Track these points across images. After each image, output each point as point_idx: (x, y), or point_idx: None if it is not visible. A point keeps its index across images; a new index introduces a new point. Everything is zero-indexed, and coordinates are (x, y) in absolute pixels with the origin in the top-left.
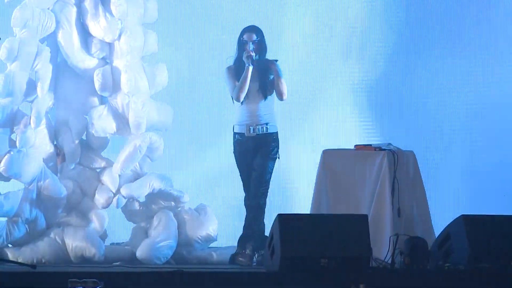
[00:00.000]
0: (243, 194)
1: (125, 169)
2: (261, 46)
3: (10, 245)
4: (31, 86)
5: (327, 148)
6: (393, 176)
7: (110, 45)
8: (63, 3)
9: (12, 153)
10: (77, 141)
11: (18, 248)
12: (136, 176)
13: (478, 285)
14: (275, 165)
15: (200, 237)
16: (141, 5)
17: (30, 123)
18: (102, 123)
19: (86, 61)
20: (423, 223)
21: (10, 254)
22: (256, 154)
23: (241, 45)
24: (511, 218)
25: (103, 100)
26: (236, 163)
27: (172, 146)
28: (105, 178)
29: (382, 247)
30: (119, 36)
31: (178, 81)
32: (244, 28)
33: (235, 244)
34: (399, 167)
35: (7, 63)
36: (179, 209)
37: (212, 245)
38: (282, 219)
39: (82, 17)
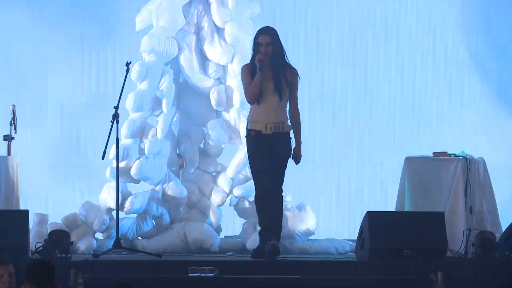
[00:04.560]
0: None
1: (237, 173)
2: (276, 48)
3: (139, 238)
4: (157, 103)
5: (409, 155)
6: (466, 178)
7: (224, 67)
8: (184, 32)
9: (141, 159)
10: (196, 149)
11: (147, 240)
12: (246, 179)
13: None
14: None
15: (300, 231)
16: (250, 33)
17: (156, 134)
18: (217, 133)
19: (204, 81)
20: (492, 219)
21: (140, 245)
22: (273, 152)
23: (256, 46)
24: None
25: (218, 114)
26: (249, 160)
27: None
28: (220, 180)
29: (457, 240)
30: (232, 59)
31: None
32: (259, 30)
33: (331, 236)
34: (471, 171)
35: (137, 83)
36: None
37: (311, 237)
38: (371, 215)
39: (200, 44)
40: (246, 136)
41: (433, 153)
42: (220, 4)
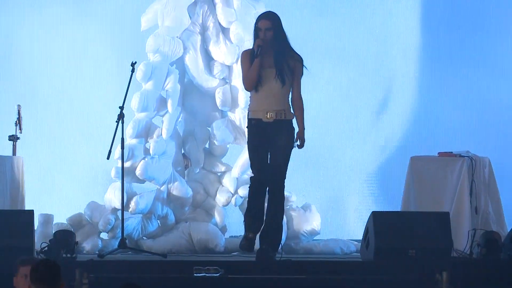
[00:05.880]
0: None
1: (242, 173)
2: (277, 33)
3: (145, 238)
4: (162, 103)
5: (414, 155)
6: (471, 178)
7: (229, 67)
8: (190, 32)
9: (146, 159)
10: (201, 149)
11: (152, 240)
12: None
13: None
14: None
15: (305, 231)
16: None
17: (161, 134)
18: (222, 134)
19: (209, 81)
20: (497, 219)
21: (145, 245)
22: (274, 142)
23: (256, 32)
24: None
25: (223, 114)
26: (250, 150)
27: None
28: (225, 180)
29: (462, 240)
30: (237, 59)
31: None
32: (259, 15)
33: (336, 236)
34: (476, 171)
35: (142, 83)
36: (288, 207)
37: (316, 237)
38: (376, 215)
39: (206, 44)
40: (247, 127)
41: (439, 153)
42: (225, 4)
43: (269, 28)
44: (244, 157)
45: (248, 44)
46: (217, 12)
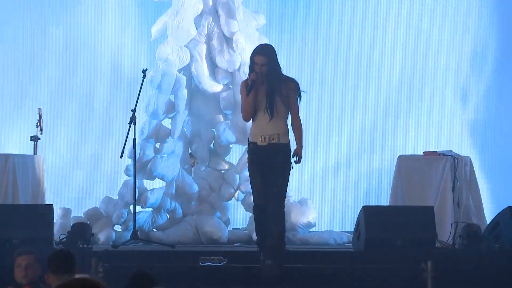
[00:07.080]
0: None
1: (243, 171)
2: (271, 67)
3: (155, 230)
4: (171, 106)
5: (401, 154)
6: (453, 176)
7: (232, 74)
8: (196, 42)
9: (156, 158)
10: (206, 149)
11: (161, 232)
12: None
13: None
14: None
15: (302, 224)
16: (256, 42)
17: (170, 135)
18: (226, 134)
19: (213, 87)
20: (477, 212)
21: (155, 237)
22: (270, 165)
23: (252, 64)
24: None
25: (226, 117)
26: (250, 172)
27: None
28: (228, 177)
29: (445, 232)
30: (239, 66)
31: None
32: (255, 49)
33: (330, 229)
34: (458, 169)
35: (152, 88)
36: (286, 201)
37: (311, 229)
38: (367, 209)
39: (211, 52)
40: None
41: (424, 152)
42: (229, 16)
43: (264, 64)
44: (245, 156)
45: (249, 53)
46: (221, 24)
